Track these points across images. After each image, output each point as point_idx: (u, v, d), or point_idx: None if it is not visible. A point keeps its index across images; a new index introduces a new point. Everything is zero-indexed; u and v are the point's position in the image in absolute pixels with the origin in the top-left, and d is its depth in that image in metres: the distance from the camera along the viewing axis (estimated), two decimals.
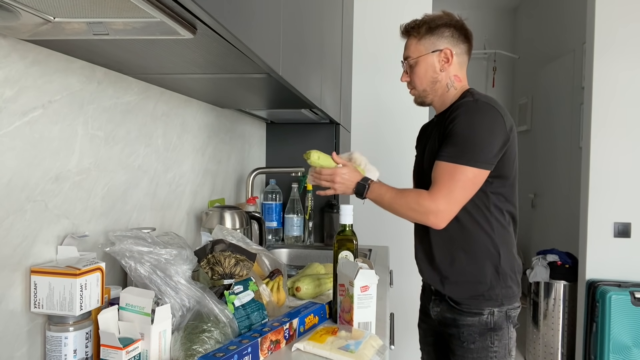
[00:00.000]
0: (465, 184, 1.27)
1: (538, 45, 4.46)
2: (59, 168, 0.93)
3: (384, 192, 1.37)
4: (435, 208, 1.27)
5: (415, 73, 1.40)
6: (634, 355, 2.54)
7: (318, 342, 1.02)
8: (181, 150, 1.46)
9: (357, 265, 1.12)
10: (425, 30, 1.38)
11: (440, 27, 1.37)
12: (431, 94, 1.42)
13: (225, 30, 0.72)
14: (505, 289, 1.35)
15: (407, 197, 1.33)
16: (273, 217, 2.17)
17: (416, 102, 1.49)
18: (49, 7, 0.62)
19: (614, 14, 2.67)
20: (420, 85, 1.42)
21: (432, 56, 1.38)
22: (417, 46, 1.39)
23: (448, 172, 1.27)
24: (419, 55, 1.39)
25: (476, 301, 1.35)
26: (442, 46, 1.37)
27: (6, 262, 0.81)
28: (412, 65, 1.41)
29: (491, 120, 1.28)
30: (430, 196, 1.28)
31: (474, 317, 1.35)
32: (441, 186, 1.27)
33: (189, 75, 1.12)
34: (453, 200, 1.27)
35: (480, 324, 1.34)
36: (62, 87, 0.93)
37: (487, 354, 1.34)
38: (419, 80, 1.41)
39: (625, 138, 2.69)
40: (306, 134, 2.33)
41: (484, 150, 1.26)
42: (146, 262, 0.95)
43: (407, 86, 1.47)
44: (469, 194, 1.29)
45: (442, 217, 1.28)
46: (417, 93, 1.45)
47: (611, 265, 2.71)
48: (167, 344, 0.92)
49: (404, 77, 1.45)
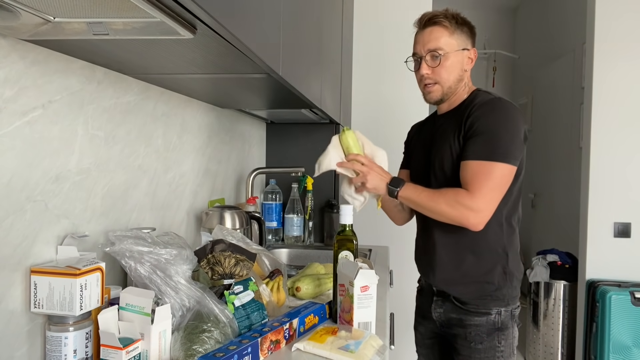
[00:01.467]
0: (502, 181, 1.25)
1: (538, 45, 4.46)
2: (59, 168, 0.93)
3: (420, 190, 1.31)
4: (476, 207, 1.22)
5: (445, 67, 1.32)
6: (634, 355, 2.54)
7: (318, 342, 1.02)
8: (181, 150, 1.46)
9: (357, 265, 1.12)
10: (455, 25, 1.32)
11: (465, 24, 1.35)
12: (453, 92, 1.37)
13: (225, 30, 0.72)
14: (511, 289, 1.36)
15: (446, 194, 1.27)
16: (273, 217, 2.17)
17: (433, 100, 1.39)
18: (49, 7, 0.63)
19: (614, 14, 2.67)
20: (447, 81, 1.34)
21: (463, 54, 1.34)
22: (449, 40, 1.32)
23: (484, 170, 1.23)
24: (451, 49, 1.32)
25: (484, 301, 1.35)
26: (470, 45, 1.36)
27: (6, 262, 0.81)
28: (439, 58, 1.32)
29: (516, 118, 1.27)
30: (469, 195, 1.23)
31: (481, 317, 1.34)
32: (479, 185, 1.22)
33: (189, 75, 1.12)
34: (492, 199, 1.24)
35: (488, 323, 1.34)
36: (62, 87, 0.93)
37: (495, 353, 1.34)
38: (447, 75, 1.33)
39: (625, 138, 2.69)
40: (306, 134, 2.33)
41: (513, 146, 1.24)
42: (146, 262, 0.95)
43: (424, 80, 1.36)
44: (504, 192, 1.27)
45: (482, 217, 1.23)
46: (441, 89, 1.36)
47: (611, 265, 2.71)
48: (167, 344, 0.92)
49: (426, 69, 1.34)
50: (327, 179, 2.33)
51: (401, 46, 2.78)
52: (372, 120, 2.76)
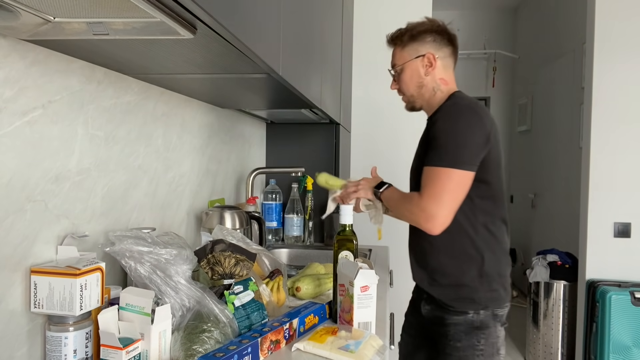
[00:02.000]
0: (451, 187, 1.26)
1: (538, 45, 4.46)
2: (59, 168, 0.93)
3: (396, 193, 1.41)
4: (428, 211, 1.26)
5: (402, 79, 1.45)
6: (634, 355, 2.54)
7: (318, 342, 1.02)
8: (181, 150, 1.46)
9: (357, 265, 1.12)
10: (408, 37, 1.42)
11: (422, 33, 1.41)
12: (419, 99, 1.45)
13: (225, 30, 0.72)
14: (490, 292, 1.36)
15: (409, 198, 1.34)
16: (273, 217, 2.17)
17: (407, 108, 1.52)
18: (49, 7, 0.62)
19: (614, 14, 2.67)
20: (408, 91, 1.45)
21: (416, 62, 1.41)
22: (401, 54, 1.44)
23: (432, 176, 1.28)
24: (403, 62, 1.43)
25: (462, 303, 1.37)
26: (424, 51, 1.40)
27: (6, 262, 0.81)
28: (398, 73, 1.45)
29: (469, 121, 1.29)
30: (419, 199, 1.28)
31: (459, 315, 1.36)
32: (428, 190, 1.27)
33: (189, 75, 1.12)
34: (442, 204, 1.25)
35: (466, 322, 1.36)
36: (62, 87, 0.93)
37: (474, 352, 1.35)
38: (406, 86, 1.44)
39: (625, 138, 2.69)
40: (306, 134, 2.33)
41: (464, 152, 1.27)
42: (146, 262, 0.95)
43: (398, 93, 1.51)
44: (458, 197, 1.28)
45: (435, 222, 1.26)
46: (407, 99, 1.48)
47: (611, 265, 2.71)
48: (167, 344, 0.92)
49: (392, 85, 1.50)
50: None
51: None
52: (372, 120, 2.76)
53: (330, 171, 2.32)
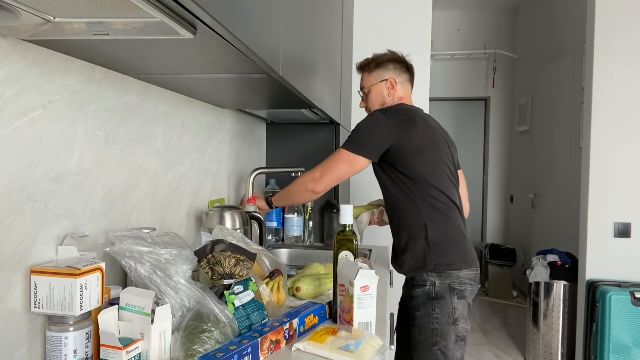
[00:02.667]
0: (337, 160, 1.58)
1: (538, 45, 4.46)
2: (59, 168, 0.93)
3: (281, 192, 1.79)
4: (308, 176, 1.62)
5: (369, 99, 1.74)
6: (634, 355, 2.54)
7: (318, 342, 1.02)
8: (181, 150, 1.46)
9: (357, 265, 1.12)
10: (374, 65, 1.72)
11: (385, 62, 1.71)
12: None
13: (225, 30, 0.72)
14: (437, 257, 1.53)
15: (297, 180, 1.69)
16: (273, 217, 2.17)
17: None
18: (49, 7, 0.62)
19: (614, 14, 2.67)
20: (373, 107, 1.73)
21: (381, 84, 1.71)
22: (369, 78, 1.73)
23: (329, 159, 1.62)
24: (370, 84, 1.72)
25: (418, 271, 1.55)
26: (387, 76, 1.70)
27: (6, 262, 0.81)
28: (366, 93, 1.74)
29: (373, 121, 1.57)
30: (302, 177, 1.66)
31: (419, 288, 1.55)
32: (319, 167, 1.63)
33: (189, 75, 1.12)
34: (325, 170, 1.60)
35: (424, 293, 1.54)
36: (62, 87, 0.93)
37: (429, 319, 1.52)
38: (372, 103, 1.73)
39: (625, 138, 2.69)
40: (306, 134, 2.33)
41: (360, 140, 1.56)
42: (146, 262, 0.95)
43: (365, 110, 1.76)
44: (341, 170, 1.58)
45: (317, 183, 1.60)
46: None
47: (611, 265, 2.71)
48: (167, 344, 0.92)
49: (361, 104, 1.78)
50: None
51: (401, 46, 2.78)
52: None
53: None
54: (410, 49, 2.79)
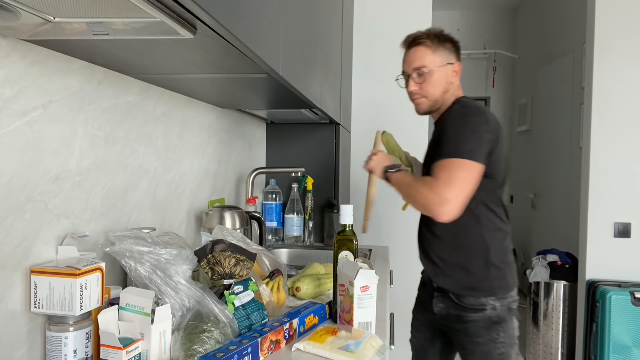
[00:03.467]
0: (463, 176, 1.30)
1: (538, 45, 4.46)
2: (59, 168, 0.93)
3: (407, 177, 1.44)
4: (441, 195, 1.28)
5: (430, 82, 1.44)
6: (634, 355, 2.54)
7: (318, 342, 1.02)
8: (181, 150, 1.46)
9: (357, 265, 1.12)
10: (437, 42, 1.44)
11: (447, 41, 1.46)
12: (441, 103, 1.48)
13: (225, 30, 0.72)
14: (496, 280, 1.43)
15: (419, 182, 1.37)
16: (273, 217, 2.17)
17: (422, 112, 1.52)
18: (49, 7, 0.62)
19: (614, 14, 2.67)
20: (434, 95, 1.45)
21: (447, 68, 1.45)
22: (432, 57, 1.44)
23: (445, 165, 1.31)
24: (435, 65, 1.43)
25: (471, 292, 1.43)
26: (453, 60, 1.47)
27: (6, 262, 0.81)
28: (424, 75, 1.44)
29: (476, 120, 1.36)
30: (434, 182, 1.31)
31: (477, 312, 1.42)
32: (441, 176, 1.30)
33: (189, 75, 1.12)
34: (456, 190, 1.28)
35: (484, 318, 1.42)
36: (62, 87, 0.93)
37: (495, 345, 1.42)
38: (433, 89, 1.45)
39: (625, 138, 2.69)
40: (306, 134, 2.33)
41: (474, 145, 1.32)
42: (146, 262, 0.95)
43: (413, 95, 1.49)
44: (469, 186, 1.31)
45: (447, 207, 1.27)
46: (428, 102, 1.48)
47: (611, 265, 2.71)
48: (167, 344, 0.92)
49: (413, 86, 1.47)
50: (327, 178, 2.34)
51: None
52: (372, 121, 2.76)
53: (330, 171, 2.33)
54: None
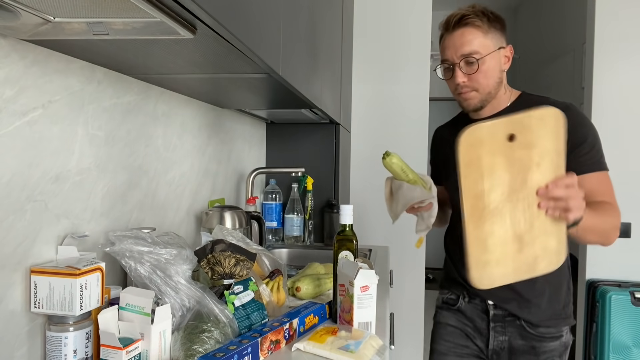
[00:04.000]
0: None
1: (538, 45, 4.46)
2: (59, 168, 0.93)
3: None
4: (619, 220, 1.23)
5: (483, 72, 1.19)
6: (634, 355, 2.54)
7: (318, 342, 1.02)
8: (181, 150, 1.46)
9: (357, 265, 1.12)
10: (487, 22, 1.20)
11: (497, 20, 1.23)
12: (493, 97, 1.25)
13: (225, 30, 0.72)
14: (572, 305, 1.34)
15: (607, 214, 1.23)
16: (273, 217, 2.17)
17: (472, 108, 1.26)
18: (49, 7, 0.63)
19: (614, 14, 2.67)
20: (487, 87, 1.21)
21: (500, 53, 1.21)
22: (484, 41, 1.19)
23: (606, 181, 1.26)
24: (488, 51, 1.18)
25: (556, 322, 1.30)
26: (504, 42, 1.23)
27: (6, 262, 0.81)
28: (475, 63, 1.18)
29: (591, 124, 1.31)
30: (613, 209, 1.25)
31: (555, 341, 1.30)
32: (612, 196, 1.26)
33: (189, 75, 1.12)
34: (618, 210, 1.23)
35: (560, 346, 1.30)
36: (62, 87, 0.93)
37: None
38: (486, 80, 1.20)
39: (625, 138, 2.69)
40: (306, 134, 2.33)
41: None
42: (146, 262, 0.95)
43: (461, 89, 1.22)
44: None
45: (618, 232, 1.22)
46: (479, 96, 1.23)
47: (611, 265, 2.71)
48: (167, 344, 0.92)
49: (462, 77, 1.20)
50: (327, 178, 2.34)
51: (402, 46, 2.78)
52: (372, 120, 2.76)
53: (330, 171, 2.33)
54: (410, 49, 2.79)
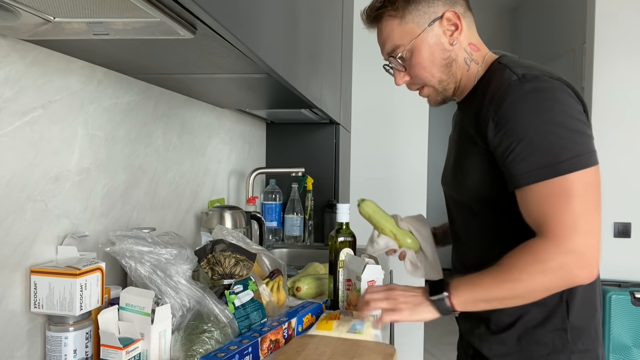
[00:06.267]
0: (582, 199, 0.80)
1: (538, 45, 4.46)
2: (59, 168, 0.93)
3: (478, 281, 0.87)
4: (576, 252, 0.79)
5: (417, 64, 0.97)
6: (634, 355, 2.54)
7: (326, 329, 1.04)
8: (181, 150, 1.46)
9: (364, 261, 1.14)
10: (404, 1, 0.95)
11: None
12: (452, 82, 0.99)
13: (225, 30, 0.72)
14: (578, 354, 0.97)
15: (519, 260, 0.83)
16: (273, 217, 2.17)
17: (434, 103, 1.05)
18: (49, 7, 0.63)
19: (614, 14, 2.67)
20: (432, 77, 0.98)
21: (432, 30, 0.95)
22: (402, 28, 0.96)
23: (555, 194, 0.81)
24: (411, 38, 0.95)
25: None
26: (439, 11, 0.95)
27: (6, 262, 0.81)
28: (406, 57, 0.98)
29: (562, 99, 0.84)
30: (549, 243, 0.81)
31: None
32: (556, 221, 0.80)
33: (189, 75, 1.12)
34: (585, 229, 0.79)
35: None
36: (62, 87, 0.93)
37: None
38: (427, 71, 0.97)
39: (625, 138, 2.69)
40: (306, 134, 2.33)
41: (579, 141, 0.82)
42: (146, 262, 0.95)
43: (410, 88, 1.05)
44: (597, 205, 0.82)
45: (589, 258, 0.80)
46: (434, 89, 1.01)
47: (611, 265, 2.71)
48: (167, 344, 0.92)
49: (400, 79, 1.02)
50: (327, 178, 2.34)
51: None
52: (372, 121, 2.76)
53: (330, 171, 2.33)
54: None
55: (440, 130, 4.49)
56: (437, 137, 4.24)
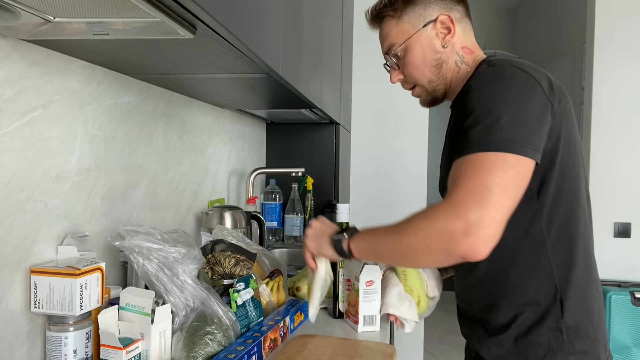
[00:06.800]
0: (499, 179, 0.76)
1: (538, 45, 4.46)
2: (59, 168, 0.93)
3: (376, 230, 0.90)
4: (463, 217, 0.74)
5: (410, 63, 1.01)
6: (634, 355, 2.54)
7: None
8: (181, 150, 1.46)
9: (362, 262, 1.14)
10: (401, 4, 1.00)
11: None
12: (441, 83, 1.02)
13: (225, 30, 0.72)
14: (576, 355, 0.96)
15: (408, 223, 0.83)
16: (273, 217, 2.17)
17: (425, 103, 1.10)
18: (49, 7, 0.63)
19: (614, 14, 2.67)
20: (423, 76, 1.02)
21: (426, 32, 0.99)
22: (399, 27, 1.01)
23: (473, 164, 0.79)
24: (406, 37, 1.00)
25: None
26: (434, 14, 0.99)
27: (6, 262, 0.81)
28: (400, 56, 1.02)
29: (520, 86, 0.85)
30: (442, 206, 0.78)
31: None
32: (460, 187, 0.78)
33: (189, 75, 1.12)
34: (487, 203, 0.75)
35: None
36: (62, 87, 0.93)
37: None
38: (418, 70, 1.01)
39: (625, 138, 2.69)
40: (306, 134, 2.33)
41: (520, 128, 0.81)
42: (154, 259, 0.95)
43: (404, 86, 1.10)
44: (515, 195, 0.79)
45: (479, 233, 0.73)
46: (422, 89, 1.05)
47: (611, 265, 2.71)
48: (167, 344, 0.92)
49: (394, 77, 1.07)
50: (327, 178, 2.34)
51: None
52: (372, 120, 2.76)
53: (330, 171, 2.33)
54: None
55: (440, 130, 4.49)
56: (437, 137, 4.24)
